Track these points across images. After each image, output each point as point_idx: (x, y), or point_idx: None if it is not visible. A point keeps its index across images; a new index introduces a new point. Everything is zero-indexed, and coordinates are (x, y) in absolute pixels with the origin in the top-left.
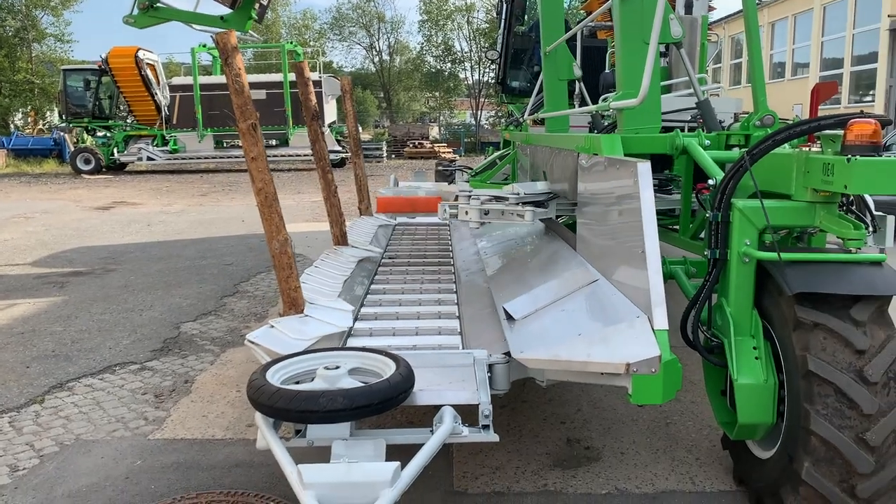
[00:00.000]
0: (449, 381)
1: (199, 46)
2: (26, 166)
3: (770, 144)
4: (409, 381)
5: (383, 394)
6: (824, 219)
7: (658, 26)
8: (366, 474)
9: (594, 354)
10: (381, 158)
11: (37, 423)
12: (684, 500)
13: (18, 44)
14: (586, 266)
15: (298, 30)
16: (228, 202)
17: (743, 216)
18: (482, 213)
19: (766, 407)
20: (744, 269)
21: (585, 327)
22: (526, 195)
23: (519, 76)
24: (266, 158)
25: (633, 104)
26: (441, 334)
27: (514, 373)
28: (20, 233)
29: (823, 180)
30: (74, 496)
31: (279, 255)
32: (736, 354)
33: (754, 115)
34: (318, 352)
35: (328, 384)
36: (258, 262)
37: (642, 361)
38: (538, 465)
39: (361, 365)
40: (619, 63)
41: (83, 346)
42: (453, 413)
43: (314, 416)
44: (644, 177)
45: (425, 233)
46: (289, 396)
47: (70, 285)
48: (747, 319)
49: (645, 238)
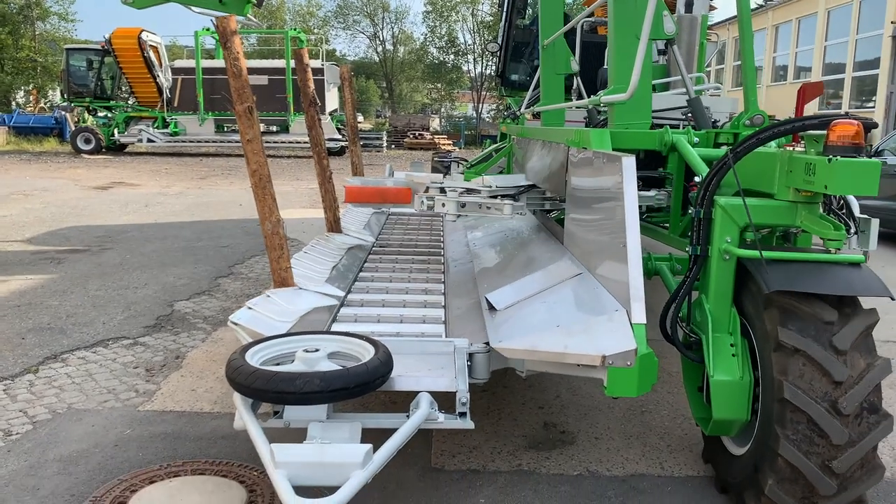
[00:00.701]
0: (428, 367)
1: (202, 30)
2: (27, 144)
3: (754, 143)
4: (388, 366)
5: (360, 378)
6: (805, 219)
7: (650, 22)
8: (338, 455)
9: (571, 346)
10: (381, 148)
11: (30, 392)
12: (652, 483)
13: (22, 21)
14: (571, 259)
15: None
16: (227, 186)
17: (725, 213)
18: (459, 206)
19: (740, 404)
20: (724, 266)
21: (564, 319)
22: (497, 188)
23: (519, 70)
24: (262, 141)
25: (622, 99)
26: (425, 322)
27: (494, 362)
28: (19, 209)
29: (805, 180)
30: (65, 460)
31: (271, 235)
32: (713, 351)
33: (744, 115)
34: (299, 335)
35: (306, 366)
36: (253, 245)
37: (618, 354)
38: (514, 446)
39: (341, 349)
40: (611, 58)
41: (77, 321)
42: (430, 399)
43: (291, 398)
44: (629, 171)
45: (418, 223)
46: (266, 377)
47: (67, 262)
48: (726, 316)
49: (627, 232)
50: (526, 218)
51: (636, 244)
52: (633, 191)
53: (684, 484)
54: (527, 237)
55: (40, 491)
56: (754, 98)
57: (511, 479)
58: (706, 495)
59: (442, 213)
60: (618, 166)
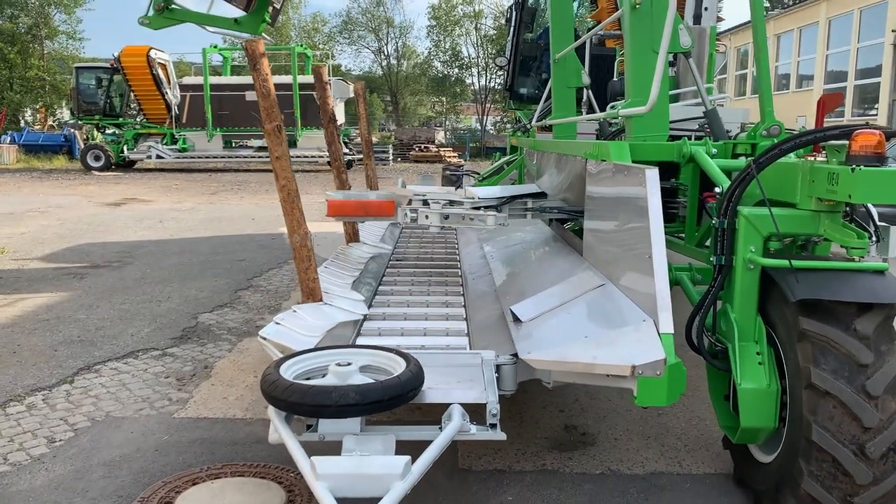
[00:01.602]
0: (457, 380)
1: (210, 47)
2: (37, 162)
3: (776, 153)
4: (420, 378)
5: (394, 390)
6: (828, 227)
7: (668, 35)
8: (378, 467)
9: (600, 356)
10: (387, 161)
11: (68, 401)
12: (671, 481)
13: (31, 41)
14: (593, 270)
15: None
16: (238, 201)
17: (749, 223)
18: (442, 218)
19: (768, 412)
20: (749, 275)
21: (592, 330)
22: (481, 199)
23: (527, 83)
24: (289, 157)
25: (641, 112)
26: (449, 335)
27: (521, 374)
28: (36, 226)
29: (828, 189)
30: (110, 464)
31: (299, 247)
32: (739, 359)
33: (761, 125)
34: (330, 349)
35: (339, 380)
36: (269, 259)
37: (648, 364)
38: (537, 447)
39: (372, 362)
40: (628, 71)
41: (106, 333)
42: (462, 411)
43: (327, 411)
44: (652, 183)
45: (432, 236)
46: (302, 391)
47: (89, 277)
48: (751, 325)
49: (652, 244)
50: (541, 229)
51: (662, 255)
52: (658, 202)
53: (702, 481)
54: (544, 249)
55: (89, 493)
56: (770, 108)
57: (537, 479)
58: (724, 491)
59: (426, 225)
60: (641, 178)
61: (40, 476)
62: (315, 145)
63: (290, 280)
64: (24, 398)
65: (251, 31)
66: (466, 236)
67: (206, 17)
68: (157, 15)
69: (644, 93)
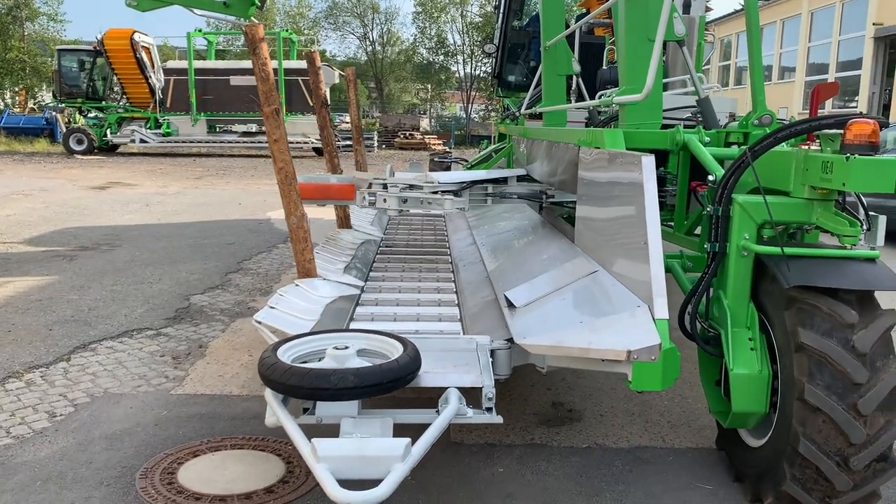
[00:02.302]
0: (453, 364)
1: (195, 31)
2: (18, 145)
3: (771, 142)
4: (417, 362)
5: (393, 373)
6: (821, 215)
7: (664, 23)
8: (378, 449)
9: (595, 341)
10: (371, 148)
11: (66, 378)
12: (655, 455)
13: (11, 22)
14: (585, 257)
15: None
16: (224, 185)
17: (743, 211)
18: (401, 202)
19: (759, 396)
20: (742, 262)
21: (586, 315)
22: (441, 184)
23: (515, 70)
24: (287, 140)
25: (636, 99)
26: (442, 321)
27: (516, 358)
28: (21, 209)
29: (822, 178)
30: (111, 437)
31: (296, 229)
32: (732, 345)
33: (753, 114)
34: (326, 332)
35: (337, 363)
36: (258, 243)
37: (643, 349)
38: (526, 422)
39: (369, 346)
40: (621, 59)
41: (100, 314)
42: (458, 394)
43: (325, 394)
44: (648, 170)
45: (421, 223)
46: (300, 374)
47: (79, 259)
48: (744, 311)
49: (648, 230)
50: (530, 216)
51: (657, 241)
52: (654, 189)
53: (684, 454)
54: (535, 236)
55: (93, 464)
56: (762, 98)
57: (526, 451)
58: (705, 464)
59: (387, 208)
60: (637, 165)
61: (44, 448)
62: (300, 131)
63: (280, 263)
64: (23, 375)
65: (240, 14)
66: (455, 223)
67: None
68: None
69: (638, 80)
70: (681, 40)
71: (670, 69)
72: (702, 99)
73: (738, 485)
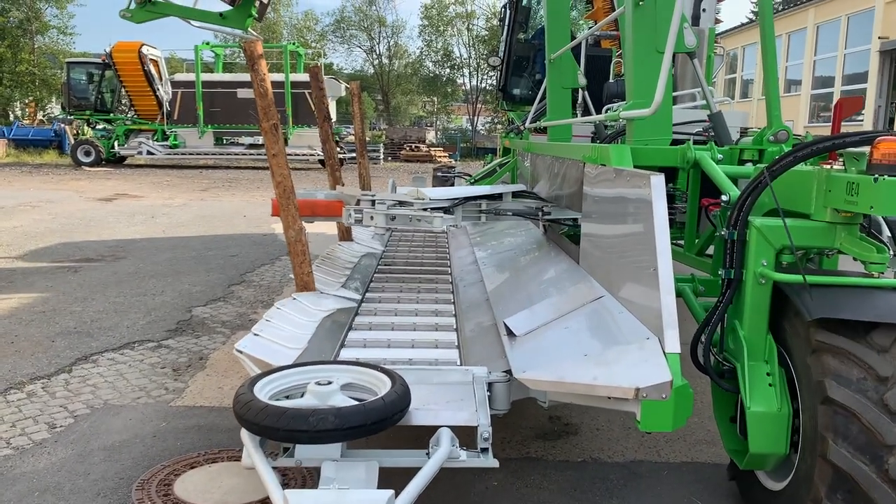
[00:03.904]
0: (446, 399)
1: (202, 44)
2: (27, 156)
3: (791, 160)
4: (406, 399)
5: (378, 413)
6: (845, 240)
7: (674, 35)
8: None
9: (601, 377)
10: (377, 160)
11: (67, 390)
12: (650, 469)
13: (21, 35)
14: (591, 281)
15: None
16: (229, 198)
17: (761, 235)
18: (389, 219)
19: (779, 436)
20: (759, 290)
21: (591, 347)
22: (432, 200)
23: (520, 84)
24: (286, 155)
25: (645, 114)
26: (438, 347)
27: (515, 392)
28: (28, 220)
29: (847, 200)
30: (109, 449)
31: (294, 242)
32: (749, 380)
33: (768, 130)
34: (310, 365)
35: (319, 401)
36: (261, 255)
37: (653, 386)
38: (522, 436)
39: (354, 380)
40: (629, 72)
41: (102, 325)
42: (451, 435)
43: (304, 436)
44: (658, 190)
45: (423, 239)
46: (277, 414)
47: (83, 270)
48: (761, 344)
49: (657, 255)
50: (533, 234)
51: (668, 268)
52: (664, 211)
53: (679, 469)
54: (538, 255)
55: (91, 475)
56: (778, 113)
57: (521, 465)
58: (700, 479)
59: (374, 226)
60: (645, 184)
61: (43, 459)
62: (306, 143)
63: (283, 275)
64: (24, 386)
65: (237, 26)
66: (458, 240)
67: (191, 11)
68: (139, 8)
69: (646, 94)
70: (691, 52)
71: (679, 82)
72: (714, 113)
73: (732, 501)
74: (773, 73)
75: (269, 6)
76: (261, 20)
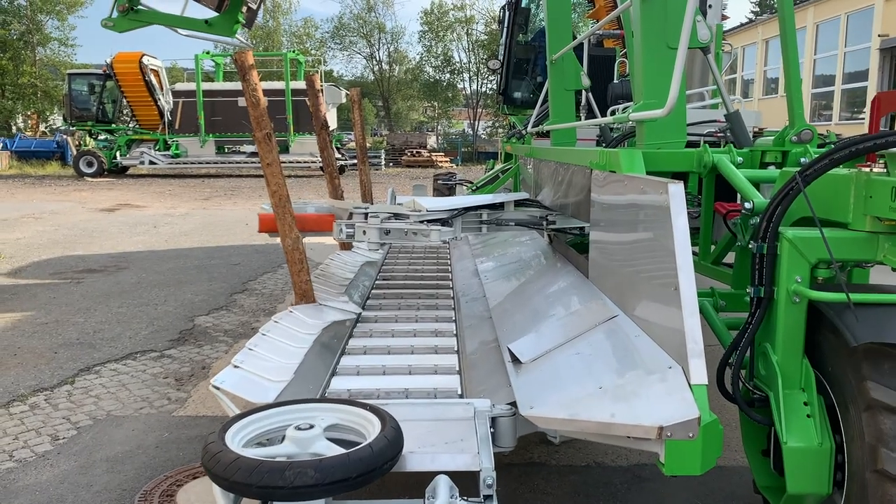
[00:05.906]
0: (445, 440)
1: (202, 53)
2: (29, 168)
3: (827, 164)
4: (397, 445)
5: (364, 464)
6: (889, 252)
7: (688, 29)
8: None
9: (619, 414)
10: (379, 166)
11: (70, 401)
12: (654, 473)
13: (23, 47)
14: (602, 298)
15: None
16: (231, 206)
17: (793, 248)
18: (382, 234)
19: (820, 474)
20: (794, 310)
21: (607, 378)
22: (429, 211)
23: (521, 87)
24: (280, 164)
25: (658, 115)
26: (437, 374)
27: (521, 427)
28: (31, 232)
29: (892, 207)
30: (112, 460)
31: (291, 251)
32: (784, 411)
33: (790, 130)
34: (291, 404)
35: (299, 448)
36: (263, 263)
37: (678, 424)
38: (524, 441)
39: (340, 421)
40: (637, 71)
41: (105, 336)
42: (449, 484)
43: (279, 493)
44: (677, 200)
45: (423, 250)
46: (249, 468)
47: (86, 281)
48: (797, 370)
49: (679, 271)
50: (540, 244)
51: (691, 286)
52: (684, 223)
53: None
54: (544, 268)
55: (93, 487)
56: (801, 111)
57: (525, 471)
58: (704, 483)
59: (367, 241)
60: (662, 193)
61: (46, 471)
62: (307, 150)
63: (285, 283)
64: (27, 398)
65: (223, 34)
66: (460, 250)
67: (176, 19)
68: (122, 17)
69: (658, 94)
70: (705, 47)
71: (687, 80)
72: (731, 113)
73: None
74: (796, 70)
75: (259, 12)
76: (250, 27)
